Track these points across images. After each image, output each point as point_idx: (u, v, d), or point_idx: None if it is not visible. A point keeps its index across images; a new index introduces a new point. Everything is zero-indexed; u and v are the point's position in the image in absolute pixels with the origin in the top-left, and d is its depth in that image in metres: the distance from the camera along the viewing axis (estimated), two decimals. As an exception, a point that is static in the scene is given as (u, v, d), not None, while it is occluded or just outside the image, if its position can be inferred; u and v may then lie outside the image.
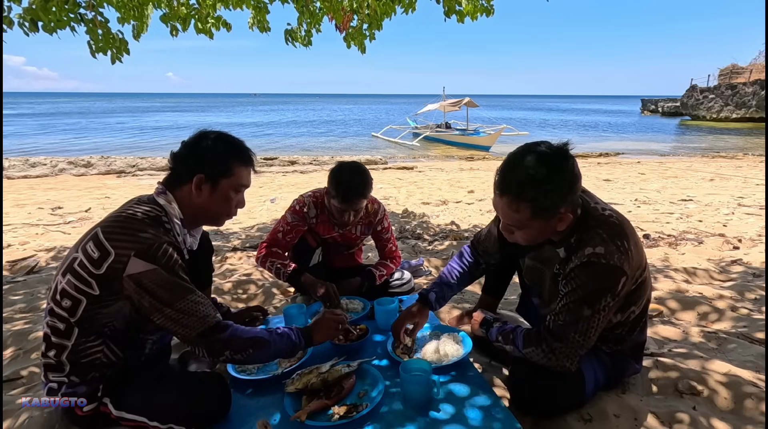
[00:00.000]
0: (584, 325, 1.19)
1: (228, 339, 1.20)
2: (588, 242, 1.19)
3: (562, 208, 1.17)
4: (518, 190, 1.16)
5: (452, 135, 18.90)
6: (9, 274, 3.07)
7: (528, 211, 1.17)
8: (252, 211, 5.85)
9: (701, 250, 3.34)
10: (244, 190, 1.38)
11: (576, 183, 1.18)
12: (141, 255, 1.12)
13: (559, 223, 1.21)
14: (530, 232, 1.24)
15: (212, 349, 1.19)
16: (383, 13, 3.47)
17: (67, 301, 1.15)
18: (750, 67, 29.73)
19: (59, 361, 1.19)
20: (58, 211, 5.97)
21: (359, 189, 1.88)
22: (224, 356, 1.21)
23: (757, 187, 7.31)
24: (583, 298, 1.18)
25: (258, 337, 1.25)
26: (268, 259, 2.06)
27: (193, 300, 1.17)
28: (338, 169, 1.92)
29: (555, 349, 1.22)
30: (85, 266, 1.14)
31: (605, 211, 1.25)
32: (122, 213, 1.22)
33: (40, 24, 2.58)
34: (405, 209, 5.66)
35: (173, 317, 1.15)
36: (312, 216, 2.10)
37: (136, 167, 11.59)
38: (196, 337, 1.17)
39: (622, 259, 1.16)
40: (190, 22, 3.40)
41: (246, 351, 1.23)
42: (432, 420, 1.25)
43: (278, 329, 1.32)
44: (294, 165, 12.82)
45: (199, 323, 1.17)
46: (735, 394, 1.38)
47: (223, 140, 1.33)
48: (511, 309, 1.96)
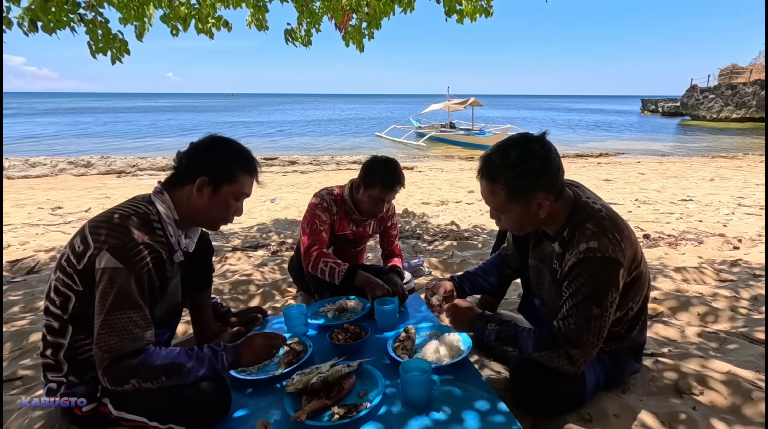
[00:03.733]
0: (596, 325, 1.20)
1: (136, 366, 1.12)
2: (581, 238, 1.21)
3: (537, 192, 1.22)
4: (492, 173, 1.25)
5: (457, 135, 18.81)
6: (9, 274, 3.07)
7: (503, 193, 1.24)
8: (252, 212, 5.85)
9: (701, 250, 3.34)
10: (244, 198, 1.39)
11: (549, 168, 1.22)
12: (113, 250, 1.11)
13: (540, 210, 1.24)
14: (512, 217, 1.30)
15: (117, 377, 1.11)
16: (382, 13, 3.47)
17: (59, 298, 1.16)
18: (750, 67, 29.71)
19: (57, 360, 1.19)
20: (58, 211, 5.97)
21: (399, 177, 2.02)
22: (129, 385, 1.12)
23: (757, 187, 7.31)
24: (589, 297, 1.19)
25: (174, 363, 1.17)
26: (321, 259, 1.98)
27: (130, 317, 1.11)
28: (374, 161, 2.04)
29: (573, 356, 1.21)
30: (70, 261, 1.15)
31: (595, 206, 1.27)
32: (112, 210, 1.22)
33: (40, 24, 2.58)
34: (405, 209, 5.66)
35: (101, 326, 1.10)
36: (334, 212, 2.13)
37: (136, 167, 11.60)
38: (104, 360, 1.10)
39: (616, 250, 1.17)
40: (190, 22, 3.40)
41: (158, 378, 1.14)
42: (432, 420, 1.24)
43: (202, 350, 1.25)
44: (294, 165, 12.83)
45: (116, 346, 1.09)
46: (735, 394, 1.38)
47: (231, 147, 1.34)
48: (512, 309, 1.96)
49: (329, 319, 1.93)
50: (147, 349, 1.15)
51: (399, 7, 3.55)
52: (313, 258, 1.99)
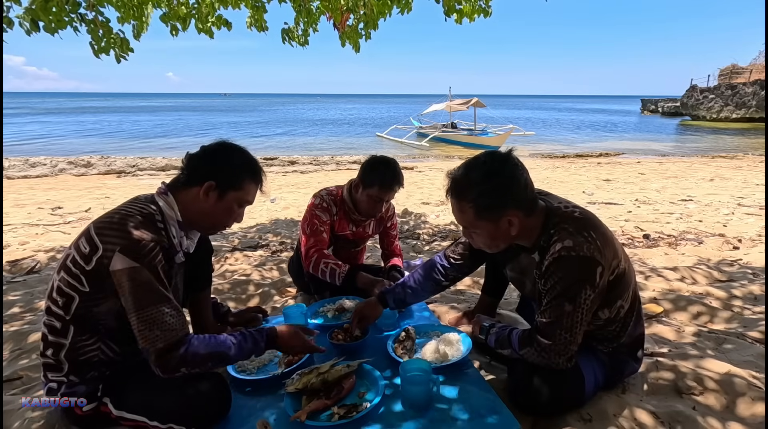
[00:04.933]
0: (568, 321, 1.21)
1: (184, 356, 1.16)
2: (557, 239, 1.22)
3: (506, 209, 1.22)
4: (459, 192, 1.26)
5: (460, 135, 18.68)
6: (9, 275, 3.07)
7: (471, 211, 1.24)
8: (252, 212, 5.85)
9: (701, 250, 3.34)
10: (246, 205, 1.41)
11: (515, 185, 1.22)
12: (126, 251, 1.12)
13: (511, 228, 1.25)
14: (483, 235, 1.30)
15: (167, 367, 1.15)
16: (379, 13, 3.47)
17: (62, 299, 1.16)
18: (750, 68, 29.71)
19: (58, 360, 1.19)
20: (58, 211, 5.97)
21: (398, 177, 2.01)
22: (180, 372, 1.17)
23: (757, 187, 7.31)
24: (562, 294, 1.20)
25: (220, 352, 1.22)
26: (322, 260, 1.99)
27: (163, 310, 1.14)
28: (373, 161, 2.03)
29: (545, 347, 1.24)
30: (77, 262, 1.15)
31: (568, 208, 1.28)
32: (116, 210, 1.23)
33: (42, 24, 2.58)
34: (405, 209, 5.66)
35: (139, 323, 1.13)
36: (334, 212, 2.13)
37: (136, 167, 11.60)
38: (153, 353, 1.13)
39: (591, 249, 1.18)
40: (189, 21, 3.40)
41: (205, 365, 1.20)
42: (431, 420, 1.25)
43: (245, 339, 1.28)
44: (294, 165, 12.83)
45: (160, 338, 1.13)
46: (734, 394, 1.38)
47: (241, 155, 1.37)
48: (512, 309, 1.96)
49: (329, 319, 1.94)
50: (189, 339, 1.19)
51: (397, 7, 3.55)
52: (314, 259, 2.00)
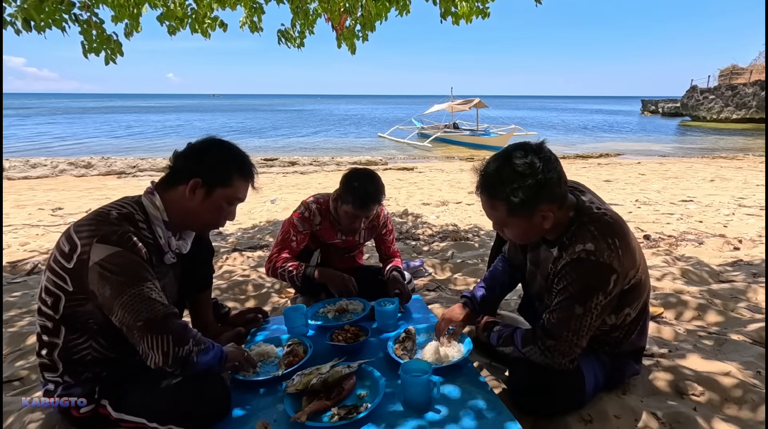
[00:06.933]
0: (576, 324, 1.20)
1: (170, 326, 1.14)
2: (579, 239, 1.20)
3: (539, 205, 1.19)
4: (490, 189, 1.22)
5: (462, 136, 18.67)
6: (9, 275, 3.07)
7: (504, 208, 1.21)
8: (252, 212, 5.86)
9: (701, 250, 3.33)
10: (237, 203, 1.36)
11: (549, 180, 1.17)
12: (104, 240, 1.11)
13: (544, 221, 1.22)
14: (516, 230, 1.28)
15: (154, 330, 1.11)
16: (377, 14, 3.47)
17: (50, 299, 1.16)
18: (750, 68, 29.68)
19: (52, 360, 1.20)
20: (59, 212, 5.98)
21: (374, 195, 1.91)
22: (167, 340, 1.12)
23: (758, 187, 7.30)
24: (575, 296, 1.19)
25: (201, 338, 1.21)
26: (279, 265, 2.02)
27: (149, 288, 1.13)
28: (352, 176, 1.93)
29: (549, 346, 1.23)
30: (58, 261, 1.14)
31: (599, 210, 1.25)
32: (95, 210, 1.22)
33: (33, 23, 2.57)
34: (405, 210, 5.66)
35: (123, 311, 1.10)
36: (317, 223, 2.11)
37: (137, 168, 11.60)
38: (143, 331, 1.10)
39: (611, 256, 1.16)
40: (186, 22, 3.41)
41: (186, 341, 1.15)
42: (432, 421, 1.24)
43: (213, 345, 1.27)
44: (294, 166, 12.82)
45: (145, 310, 1.11)
46: (735, 394, 1.37)
47: (229, 150, 1.32)
48: (512, 309, 1.95)
49: (329, 319, 1.93)
50: (176, 313, 1.18)
51: (395, 9, 3.55)
52: (272, 264, 2.06)
